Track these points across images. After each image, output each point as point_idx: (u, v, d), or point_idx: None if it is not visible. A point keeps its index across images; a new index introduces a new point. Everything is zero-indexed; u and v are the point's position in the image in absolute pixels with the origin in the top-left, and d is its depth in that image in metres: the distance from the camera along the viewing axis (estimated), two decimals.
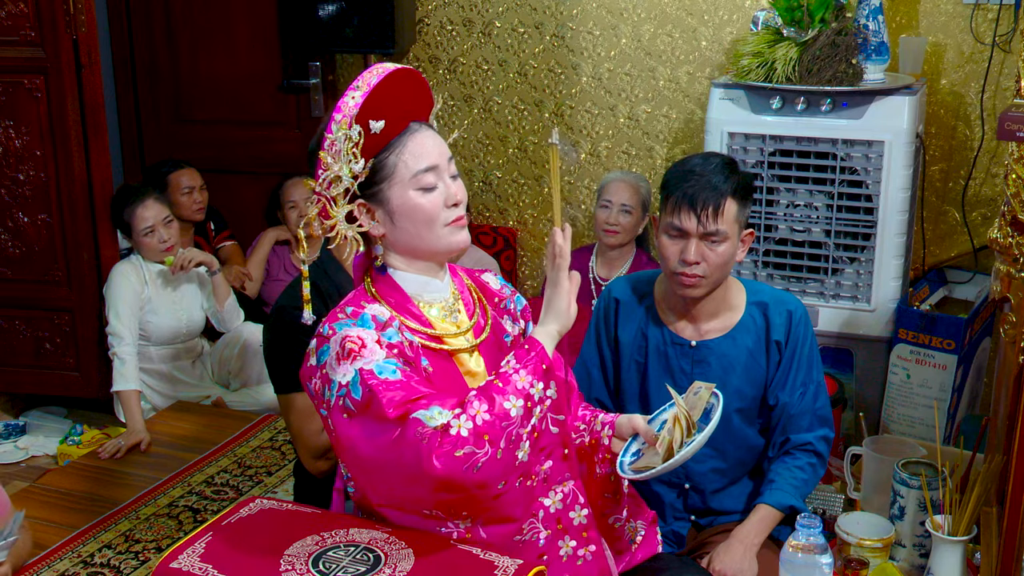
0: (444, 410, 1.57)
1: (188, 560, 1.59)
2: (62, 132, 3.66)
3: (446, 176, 1.73)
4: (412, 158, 1.70)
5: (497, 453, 1.58)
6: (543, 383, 1.65)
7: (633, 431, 1.85)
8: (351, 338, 1.63)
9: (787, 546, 1.98)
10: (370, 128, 1.66)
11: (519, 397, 1.61)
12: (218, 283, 3.82)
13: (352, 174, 1.67)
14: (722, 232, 2.17)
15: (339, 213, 1.68)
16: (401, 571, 1.56)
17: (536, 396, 1.63)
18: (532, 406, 1.63)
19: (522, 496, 1.70)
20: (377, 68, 1.70)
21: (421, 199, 1.70)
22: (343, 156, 1.65)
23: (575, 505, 1.80)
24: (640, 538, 1.99)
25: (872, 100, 3.06)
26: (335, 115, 1.66)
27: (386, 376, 1.59)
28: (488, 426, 1.57)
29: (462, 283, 1.85)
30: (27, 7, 3.57)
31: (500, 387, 1.61)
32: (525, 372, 1.63)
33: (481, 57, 4.06)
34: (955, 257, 3.51)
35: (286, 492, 3.10)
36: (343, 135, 1.65)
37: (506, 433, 1.58)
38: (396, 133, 1.70)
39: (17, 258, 3.81)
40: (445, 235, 1.72)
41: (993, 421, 2.63)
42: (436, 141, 1.73)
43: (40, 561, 2.76)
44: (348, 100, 1.66)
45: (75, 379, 3.89)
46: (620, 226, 3.45)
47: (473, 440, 1.56)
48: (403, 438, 1.56)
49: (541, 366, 1.65)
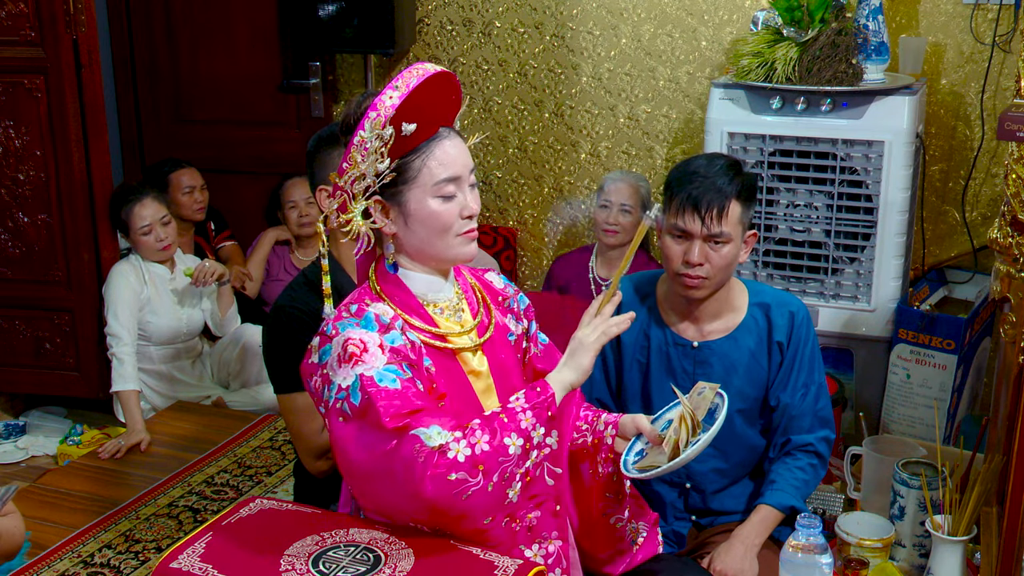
0: (444, 431, 1.57)
1: (188, 560, 1.59)
2: (62, 132, 3.66)
3: (465, 186, 1.73)
4: (437, 165, 1.69)
5: (488, 486, 1.58)
6: (545, 428, 1.66)
7: (637, 431, 1.84)
8: (353, 341, 1.63)
9: (787, 546, 1.98)
10: (402, 130, 1.65)
11: (520, 436, 1.61)
12: (224, 292, 3.84)
13: (376, 173, 1.66)
14: (726, 234, 2.17)
15: (357, 209, 1.68)
16: (401, 571, 1.55)
17: (535, 440, 1.64)
18: (530, 448, 1.63)
19: (504, 538, 1.70)
20: (417, 69, 1.68)
21: (439, 207, 1.70)
22: (372, 155, 1.65)
23: (556, 568, 1.78)
24: (642, 539, 1.98)
25: (872, 100, 3.06)
26: (370, 113, 1.64)
27: (385, 384, 1.59)
28: (486, 457, 1.57)
29: (466, 282, 1.85)
30: (27, 7, 3.57)
31: (504, 422, 1.62)
32: (531, 414, 1.64)
33: (481, 57, 4.06)
34: (955, 257, 3.51)
35: (286, 492, 3.10)
36: (376, 134, 1.64)
37: (501, 468, 1.59)
38: (425, 137, 1.69)
39: (17, 258, 3.81)
40: (455, 245, 1.73)
41: (993, 421, 2.63)
42: (461, 151, 1.73)
43: (40, 561, 2.76)
44: (385, 99, 1.64)
45: (75, 379, 3.89)
46: (620, 226, 3.45)
47: (468, 468, 1.56)
48: (398, 452, 1.57)
49: (547, 413, 1.66)
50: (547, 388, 1.68)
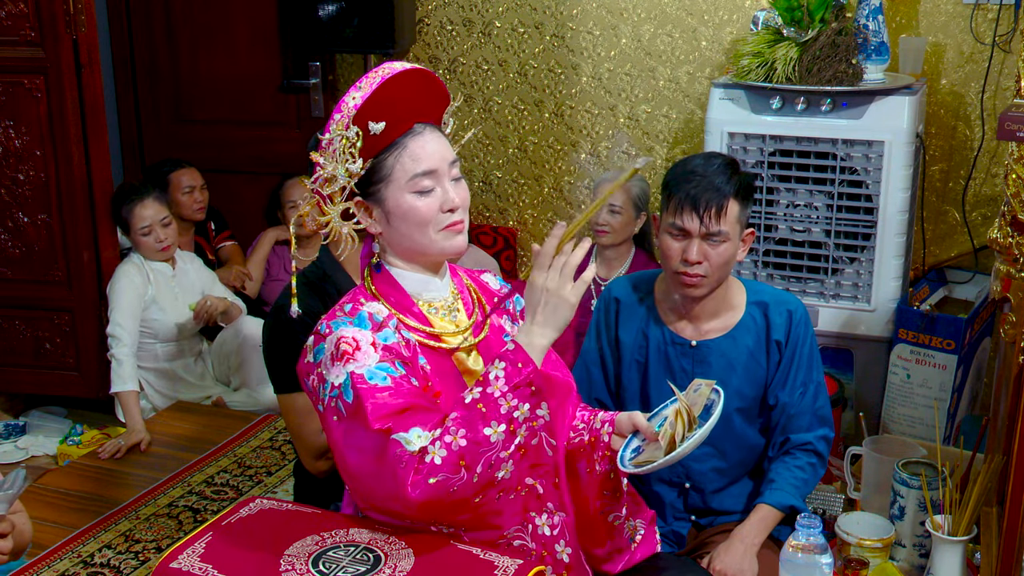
0: (423, 432, 1.57)
1: (188, 560, 1.59)
2: (62, 132, 3.66)
3: (445, 180, 1.71)
4: (411, 161, 1.68)
5: (473, 478, 1.57)
6: (530, 404, 1.60)
7: (633, 428, 1.84)
8: (346, 339, 1.63)
9: (787, 546, 1.98)
10: (369, 129, 1.65)
11: (500, 422, 1.58)
12: (229, 317, 3.87)
13: (349, 173, 1.66)
14: (724, 232, 2.18)
15: (334, 211, 1.68)
16: (401, 571, 1.55)
17: (520, 418, 1.60)
18: (515, 428, 1.59)
19: (505, 506, 1.69)
20: (383, 68, 1.68)
21: (416, 202, 1.69)
22: (339, 156, 1.65)
23: (561, 539, 1.79)
24: (640, 537, 1.99)
25: (872, 100, 3.06)
26: (334, 115, 1.66)
27: (376, 382, 1.59)
28: (465, 452, 1.56)
29: (461, 283, 1.85)
30: (27, 7, 3.57)
31: (483, 412, 1.58)
32: (511, 396, 1.58)
33: (481, 57, 4.06)
34: (955, 257, 3.51)
35: (286, 492, 3.10)
36: (340, 135, 1.64)
37: (484, 458, 1.57)
38: (399, 133, 1.69)
39: (17, 258, 3.80)
40: (439, 240, 1.71)
41: (993, 421, 2.63)
42: (439, 144, 1.71)
43: (40, 561, 2.76)
44: (348, 100, 1.65)
45: (75, 379, 3.89)
46: (609, 225, 3.47)
47: (448, 468, 1.55)
48: (384, 456, 1.57)
49: (529, 389, 1.59)
50: (528, 362, 1.59)
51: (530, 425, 1.62)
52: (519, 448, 1.62)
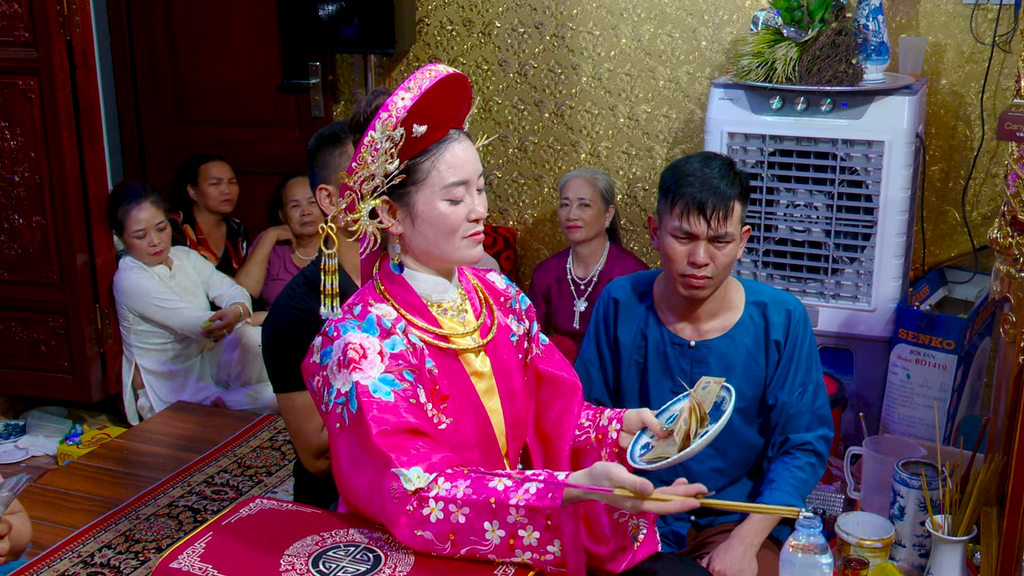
0: (423, 473, 1.56)
1: (188, 560, 1.59)
2: (56, 133, 3.64)
3: (473, 190, 1.73)
4: (447, 168, 1.69)
5: (457, 553, 1.57)
6: (539, 534, 1.54)
7: (642, 424, 1.84)
8: (353, 346, 1.63)
9: (787, 546, 1.98)
10: (413, 132, 1.65)
11: (503, 529, 1.55)
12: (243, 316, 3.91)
13: (386, 173, 1.67)
14: (730, 234, 2.19)
15: (365, 209, 1.69)
16: (401, 571, 1.55)
17: (525, 542, 1.55)
18: (515, 545, 1.55)
19: None
20: (430, 71, 1.67)
21: (447, 209, 1.69)
22: (381, 156, 1.65)
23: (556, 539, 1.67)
24: (642, 536, 1.98)
25: (872, 100, 3.06)
26: (381, 113, 1.64)
27: (379, 396, 1.60)
28: (458, 528, 1.55)
29: (469, 283, 1.86)
30: (21, 8, 3.55)
31: (492, 508, 1.55)
32: (524, 513, 1.54)
33: (481, 57, 4.06)
34: (955, 257, 3.51)
35: (286, 492, 3.10)
36: (387, 135, 1.63)
37: (472, 546, 1.56)
38: (436, 139, 1.69)
39: (12, 260, 3.79)
40: (462, 247, 1.72)
41: (993, 421, 2.63)
42: (471, 155, 1.72)
43: (40, 561, 2.76)
44: (398, 100, 1.64)
45: (69, 382, 3.86)
46: (581, 220, 3.50)
47: (436, 533, 1.55)
48: (380, 483, 1.58)
49: (545, 519, 1.54)
50: (558, 494, 1.54)
51: (536, 558, 1.57)
52: (515, 566, 1.58)
